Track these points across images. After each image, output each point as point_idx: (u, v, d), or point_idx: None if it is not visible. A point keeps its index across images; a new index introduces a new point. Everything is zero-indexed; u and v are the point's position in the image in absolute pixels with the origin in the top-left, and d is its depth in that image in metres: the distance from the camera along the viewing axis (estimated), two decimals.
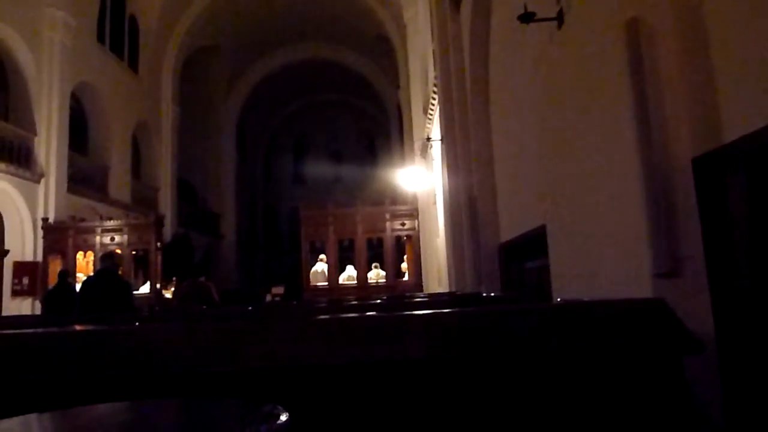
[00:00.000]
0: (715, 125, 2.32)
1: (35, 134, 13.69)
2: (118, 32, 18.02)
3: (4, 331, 2.31)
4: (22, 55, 13.56)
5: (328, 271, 14.60)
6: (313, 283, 14.55)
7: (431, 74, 10.74)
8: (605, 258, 3.13)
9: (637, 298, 2.28)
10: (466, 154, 7.28)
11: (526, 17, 3.76)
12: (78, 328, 3.16)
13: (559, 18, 3.58)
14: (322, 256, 14.82)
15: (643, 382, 1.72)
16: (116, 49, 17.85)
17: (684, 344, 1.72)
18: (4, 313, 12.17)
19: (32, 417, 1.08)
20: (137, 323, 3.75)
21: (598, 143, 3.13)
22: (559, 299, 3.89)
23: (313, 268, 14.70)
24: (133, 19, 18.77)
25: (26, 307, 13.04)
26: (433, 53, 9.34)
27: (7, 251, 13.16)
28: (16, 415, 1.07)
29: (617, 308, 1.94)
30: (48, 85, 13.99)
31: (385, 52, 20.42)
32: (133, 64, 18.86)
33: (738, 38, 2.21)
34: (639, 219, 2.57)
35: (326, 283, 14.50)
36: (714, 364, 2.26)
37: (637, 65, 2.56)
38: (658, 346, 1.73)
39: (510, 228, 6.20)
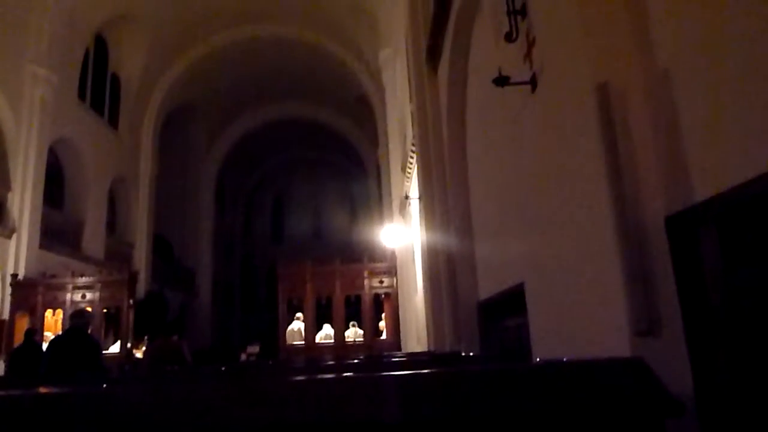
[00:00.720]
0: (686, 184, 2.39)
1: (9, 189, 13.52)
2: (99, 89, 18.20)
3: None
4: (1, 111, 13.55)
5: (305, 329, 14.36)
6: (289, 341, 14.27)
7: (410, 133, 10.96)
8: (583, 316, 3.13)
9: (617, 357, 2.26)
10: (443, 212, 7.34)
11: (501, 81, 3.89)
12: (43, 390, 3.02)
13: (533, 82, 3.71)
14: (299, 315, 14.60)
15: None
16: (97, 105, 17.98)
17: (665, 406, 1.69)
18: None
19: None
20: (105, 385, 3.60)
21: (575, 202, 3.18)
22: (538, 359, 3.86)
23: (290, 327, 14.45)
24: (114, 77, 19.01)
25: None
26: (411, 114, 9.56)
27: None
28: None
29: (597, 368, 1.92)
30: (26, 140, 13.96)
31: (365, 112, 20.87)
32: (113, 121, 18.97)
33: (707, 100, 2.30)
34: (616, 277, 2.58)
35: (303, 342, 14.22)
36: (694, 425, 2.23)
37: (608, 127, 2.64)
38: (639, 409, 1.70)
39: (489, 285, 6.20)
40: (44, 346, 7.60)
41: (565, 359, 2.31)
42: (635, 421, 1.69)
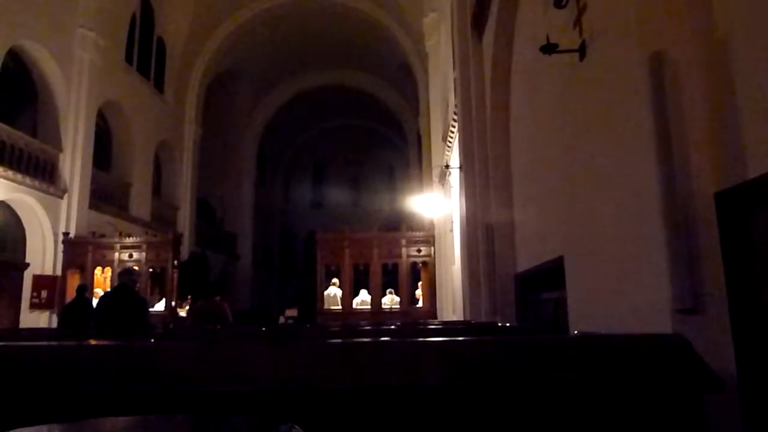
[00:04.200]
0: (739, 160, 2.30)
1: (61, 150, 13.99)
2: (145, 53, 18.47)
3: (21, 343, 2.33)
4: (53, 74, 13.94)
5: (343, 295, 14.56)
6: (326, 306, 14.51)
7: (452, 102, 10.81)
8: (624, 292, 3.08)
9: (657, 333, 2.23)
10: (484, 184, 7.27)
11: (549, 48, 3.78)
12: (93, 342, 3.17)
13: (582, 50, 3.60)
14: (335, 280, 14.80)
15: (662, 419, 1.67)
16: (143, 69, 18.29)
17: (705, 382, 1.67)
18: (21, 326, 12.29)
19: (43, 429, 1.08)
20: (152, 340, 3.75)
21: (619, 175, 3.10)
22: (576, 332, 3.83)
23: (326, 292, 14.67)
24: (160, 41, 19.24)
25: (44, 320, 13.17)
26: (454, 81, 9.41)
27: (28, 264, 13.34)
28: (30, 425, 1.07)
29: (636, 343, 1.90)
30: (76, 103, 14.34)
31: (408, 80, 20.64)
32: (159, 85, 19.28)
33: (764, 72, 2.20)
34: (660, 253, 2.53)
35: (339, 307, 14.45)
36: (735, 404, 2.20)
37: (660, 98, 2.55)
38: (679, 384, 1.69)
39: (527, 258, 6.15)
40: (94, 302, 7.93)
41: (604, 332, 2.29)
42: (674, 396, 1.68)
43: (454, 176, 10.55)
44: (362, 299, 14.80)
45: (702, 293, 2.38)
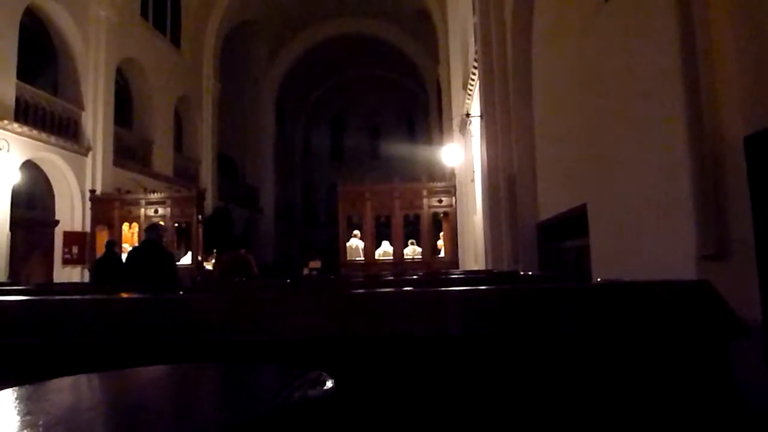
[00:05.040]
0: None
1: (83, 109, 14.07)
2: (160, 8, 18.24)
3: (56, 297, 2.41)
4: (70, 32, 13.88)
5: (365, 246, 14.68)
6: (348, 258, 14.67)
7: (472, 49, 10.56)
8: (648, 239, 3.05)
9: (681, 279, 2.22)
10: (505, 131, 7.17)
11: None
12: (125, 295, 3.27)
13: None
14: (356, 232, 14.89)
15: (686, 365, 1.68)
16: (159, 24, 18.10)
17: (730, 328, 1.67)
18: (55, 281, 12.69)
19: (82, 377, 1.12)
20: (181, 293, 3.85)
21: (644, 120, 3.03)
22: (599, 279, 3.83)
23: (348, 244, 14.80)
24: None
25: (76, 274, 13.57)
26: (474, 27, 9.16)
27: (58, 221, 13.67)
28: (67, 375, 1.12)
29: (660, 289, 1.89)
30: (95, 60, 14.32)
31: (426, 28, 20.13)
32: (175, 40, 19.11)
33: None
34: (686, 199, 2.49)
35: (362, 258, 14.60)
36: (760, 350, 2.20)
37: (688, 40, 2.45)
38: (703, 330, 1.68)
39: (549, 207, 6.11)
40: (123, 256, 8.13)
41: (627, 280, 2.28)
42: (698, 343, 1.68)
43: (475, 125, 10.40)
44: (384, 250, 14.91)
45: (729, 239, 2.34)
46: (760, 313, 2.23)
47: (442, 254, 15.07)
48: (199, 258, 13.76)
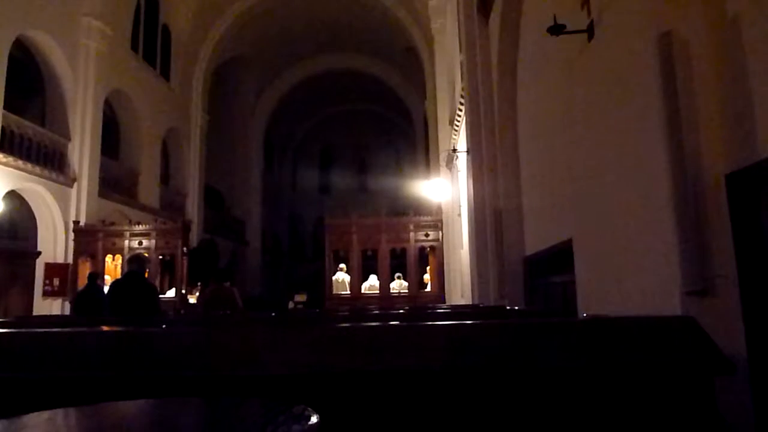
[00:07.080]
0: (750, 141, 2.27)
1: (69, 139, 14.03)
2: (151, 41, 18.41)
3: (35, 330, 2.36)
4: (59, 63, 13.94)
5: (351, 280, 14.61)
6: (334, 291, 14.57)
7: (458, 85, 10.74)
8: (633, 274, 3.07)
9: (667, 315, 2.23)
10: (491, 166, 7.24)
11: (556, 29, 3.74)
12: (105, 328, 3.21)
13: (590, 30, 3.56)
14: (342, 266, 14.84)
15: (673, 401, 1.68)
16: (149, 57, 18.25)
17: (716, 364, 1.67)
18: (34, 313, 12.43)
19: (60, 412, 1.09)
20: (163, 326, 3.79)
21: (628, 157, 3.08)
22: (585, 315, 3.83)
23: (334, 277, 14.73)
24: (165, 29, 19.17)
25: (56, 307, 13.31)
26: (461, 64, 9.34)
27: (39, 252, 13.46)
28: (45, 409, 1.09)
29: (646, 325, 1.90)
30: (83, 91, 14.35)
31: (414, 63, 20.49)
32: (165, 73, 19.24)
33: None
34: (669, 235, 2.51)
35: (348, 292, 14.51)
36: (745, 386, 2.19)
37: (669, 79, 2.52)
38: (689, 366, 1.69)
39: (535, 241, 6.14)
40: (105, 289, 8.00)
41: (613, 315, 2.29)
42: (684, 379, 1.68)
43: (462, 160, 10.51)
44: (371, 284, 14.84)
45: (712, 275, 2.36)
46: (744, 349, 2.24)
47: (428, 288, 15.02)
48: (183, 291, 13.59)
